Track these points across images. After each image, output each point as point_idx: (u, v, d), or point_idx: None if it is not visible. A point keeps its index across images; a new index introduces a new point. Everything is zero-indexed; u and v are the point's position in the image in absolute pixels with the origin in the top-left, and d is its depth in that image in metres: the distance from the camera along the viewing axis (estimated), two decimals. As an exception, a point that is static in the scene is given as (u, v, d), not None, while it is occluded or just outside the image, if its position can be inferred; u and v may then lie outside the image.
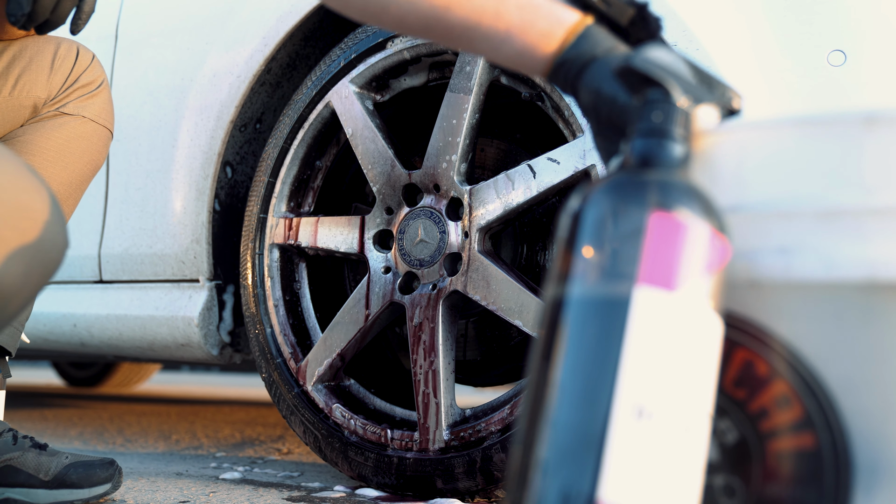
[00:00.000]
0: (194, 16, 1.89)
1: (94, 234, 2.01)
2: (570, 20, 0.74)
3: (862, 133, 0.67)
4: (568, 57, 0.74)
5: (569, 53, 0.74)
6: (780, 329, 0.67)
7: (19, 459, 1.37)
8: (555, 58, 0.74)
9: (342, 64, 1.65)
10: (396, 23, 0.80)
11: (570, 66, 0.74)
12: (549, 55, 0.75)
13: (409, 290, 1.55)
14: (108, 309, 1.98)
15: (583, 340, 0.61)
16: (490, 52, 0.78)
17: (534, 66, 0.76)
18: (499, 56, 0.78)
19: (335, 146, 1.74)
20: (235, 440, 2.46)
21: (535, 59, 0.76)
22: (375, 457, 1.54)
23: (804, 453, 0.66)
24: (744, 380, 0.68)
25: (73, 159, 1.32)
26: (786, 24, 1.28)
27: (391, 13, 0.79)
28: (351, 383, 1.67)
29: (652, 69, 0.69)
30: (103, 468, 1.40)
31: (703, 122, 0.71)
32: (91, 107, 1.34)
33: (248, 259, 1.73)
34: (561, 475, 0.58)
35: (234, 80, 1.78)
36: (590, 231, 0.64)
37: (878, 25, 1.25)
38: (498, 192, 1.46)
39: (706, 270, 0.63)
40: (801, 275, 0.66)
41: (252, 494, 1.52)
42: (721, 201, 0.69)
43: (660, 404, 0.59)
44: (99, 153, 1.36)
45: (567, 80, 0.74)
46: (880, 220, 0.65)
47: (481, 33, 0.77)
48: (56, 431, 2.52)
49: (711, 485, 0.68)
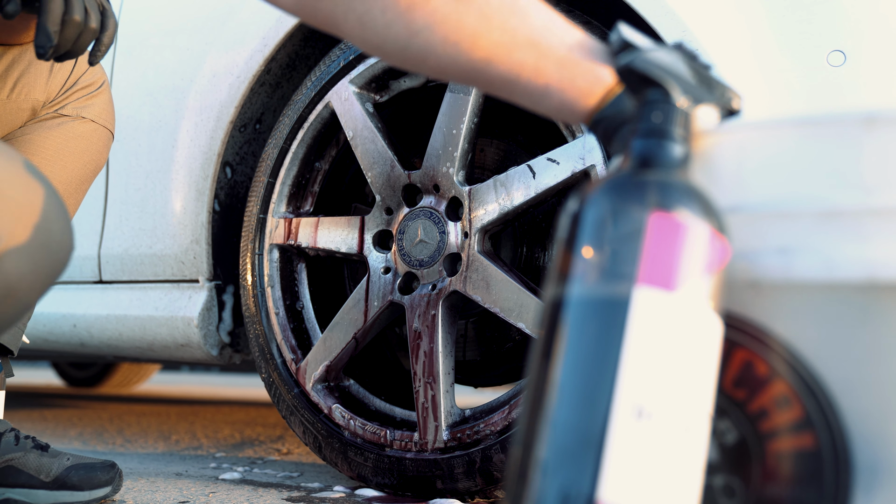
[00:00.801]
0: (194, 16, 1.89)
1: (94, 234, 2.01)
2: (608, 80, 0.76)
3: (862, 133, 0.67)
4: (605, 115, 0.76)
5: (606, 112, 0.76)
6: (779, 329, 0.67)
7: (21, 460, 1.37)
8: (593, 114, 0.77)
9: (342, 64, 1.65)
10: (437, 73, 0.81)
11: (608, 124, 0.76)
12: (587, 111, 0.77)
13: (409, 290, 1.55)
14: (108, 309, 1.98)
15: (582, 341, 0.61)
16: (530, 105, 0.80)
17: (573, 119, 0.79)
18: (539, 107, 0.79)
19: (335, 147, 1.74)
20: (235, 440, 2.46)
21: (575, 114, 0.78)
22: (375, 457, 1.54)
23: (804, 453, 0.66)
24: (743, 380, 0.68)
25: (73, 159, 1.32)
26: (785, 24, 1.28)
27: (430, 64, 0.80)
28: (350, 383, 1.67)
29: (651, 69, 0.69)
30: (104, 471, 1.40)
31: (703, 123, 0.71)
32: (91, 108, 1.34)
33: (248, 259, 1.73)
34: (560, 475, 0.58)
35: (234, 81, 1.78)
36: (589, 231, 0.64)
37: (878, 26, 1.25)
38: (497, 192, 1.46)
39: (706, 271, 0.63)
40: (801, 275, 0.66)
41: (251, 495, 1.52)
42: (721, 202, 0.69)
43: (659, 404, 0.59)
44: (99, 153, 1.36)
45: (606, 135, 0.77)
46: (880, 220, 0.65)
47: (521, 88, 0.78)
48: (56, 432, 2.52)
49: (711, 485, 0.68)
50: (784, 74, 1.26)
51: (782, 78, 1.26)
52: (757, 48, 1.29)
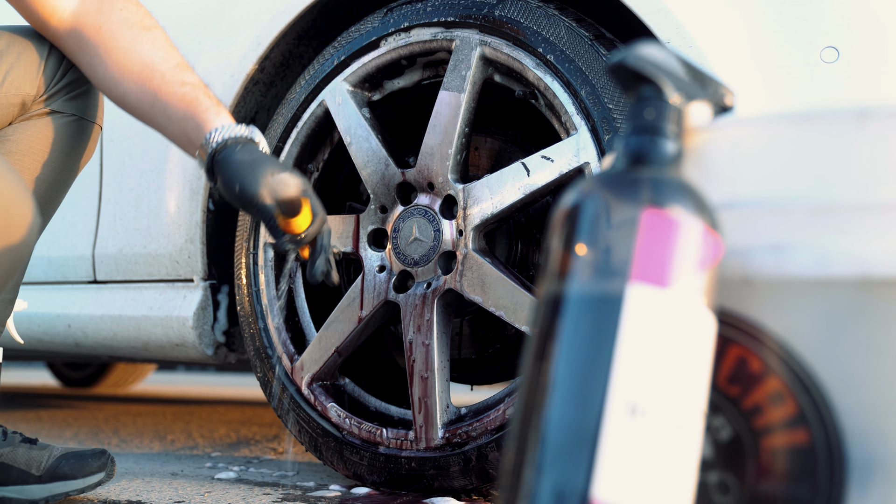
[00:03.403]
0: (187, 15, 1.89)
1: (88, 234, 2.01)
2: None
3: (854, 129, 0.67)
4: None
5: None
6: (773, 326, 0.67)
7: (10, 455, 1.36)
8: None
9: (336, 63, 1.64)
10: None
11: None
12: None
13: (404, 288, 1.55)
14: (103, 309, 1.98)
15: (576, 338, 0.61)
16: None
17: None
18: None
19: (329, 145, 1.73)
20: (231, 440, 2.46)
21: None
22: (370, 456, 1.54)
23: (798, 450, 0.66)
24: (737, 376, 0.68)
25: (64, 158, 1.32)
26: (778, 20, 1.28)
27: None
28: (346, 382, 1.66)
29: (644, 66, 0.69)
30: (95, 458, 1.39)
31: (696, 119, 0.71)
32: (80, 103, 1.33)
33: (243, 259, 1.73)
34: (554, 473, 0.58)
35: (228, 80, 1.77)
36: (583, 228, 0.64)
37: (870, 22, 1.25)
38: (492, 190, 1.46)
39: (699, 267, 0.63)
40: (795, 271, 0.66)
41: (247, 494, 1.52)
42: (713, 198, 0.69)
43: (653, 401, 0.59)
44: (89, 149, 1.37)
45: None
46: (873, 216, 0.65)
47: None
48: (51, 432, 2.52)
49: (705, 481, 0.68)
50: (778, 71, 1.26)
51: (776, 74, 1.27)
52: (750, 45, 1.29)
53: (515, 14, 1.46)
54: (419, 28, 1.56)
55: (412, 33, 1.57)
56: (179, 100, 1.21)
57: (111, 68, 1.24)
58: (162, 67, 1.23)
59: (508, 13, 1.46)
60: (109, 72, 1.24)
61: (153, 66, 1.23)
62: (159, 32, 1.27)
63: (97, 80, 1.27)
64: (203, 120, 1.19)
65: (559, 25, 1.42)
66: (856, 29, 1.25)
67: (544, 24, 1.43)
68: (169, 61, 1.24)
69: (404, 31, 1.57)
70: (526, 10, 1.45)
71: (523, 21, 1.45)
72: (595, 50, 1.39)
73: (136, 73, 1.23)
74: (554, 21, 1.43)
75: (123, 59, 1.23)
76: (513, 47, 1.46)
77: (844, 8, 1.25)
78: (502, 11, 1.47)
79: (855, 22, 1.25)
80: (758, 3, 1.30)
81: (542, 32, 1.43)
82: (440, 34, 1.53)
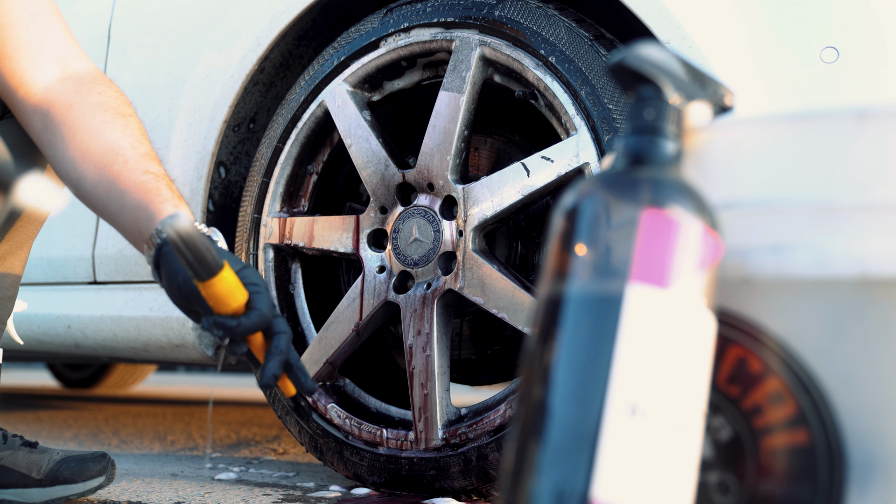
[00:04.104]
0: (187, 16, 1.89)
1: (88, 235, 2.01)
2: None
3: (854, 129, 0.67)
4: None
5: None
6: (773, 326, 0.67)
7: (10, 458, 1.36)
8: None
9: (336, 63, 1.64)
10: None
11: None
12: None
13: (404, 289, 1.55)
14: (103, 310, 1.98)
15: (576, 338, 0.61)
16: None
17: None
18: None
19: (329, 146, 1.73)
20: (231, 441, 2.46)
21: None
22: (370, 456, 1.54)
23: (798, 450, 0.66)
24: (737, 377, 0.68)
25: None
26: (778, 20, 1.28)
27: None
28: (346, 383, 1.66)
29: (644, 66, 0.69)
30: (95, 461, 1.39)
31: (696, 119, 0.71)
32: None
33: (243, 259, 1.73)
34: (555, 473, 0.58)
35: (228, 80, 1.77)
36: (582, 229, 0.64)
37: (870, 22, 1.25)
38: (492, 190, 1.46)
39: (699, 267, 0.63)
40: (794, 271, 0.66)
41: (247, 495, 1.52)
42: (713, 198, 0.69)
43: (653, 402, 0.59)
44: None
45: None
46: (873, 216, 0.65)
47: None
48: (51, 433, 2.52)
49: (705, 482, 0.68)
50: (777, 71, 1.26)
51: (776, 74, 1.27)
52: (750, 45, 1.29)
53: (515, 14, 1.46)
54: (419, 29, 1.56)
55: (412, 34, 1.57)
56: (138, 187, 1.10)
57: (71, 148, 1.15)
58: (127, 153, 1.14)
59: (508, 14, 1.46)
60: (69, 152, 1.15)
61: (118, 150, 1.14)
62: (133, 121, 1.20)
63: (55, 161, 1.18)
64: (158, 211, 1.08)
65: (559, 26, 1.42)
66: (856, 29, 1.25)
67: (544, 25, 1.43)
68: (137, 149, 1.15)
69: (404, 31, 1.58)
70: (526, 11, 1.45)
71: (523, 21, 1.45)
72: (595, 50, 1.39)
73: (98, 156, 1.14)
74: (554, 21, 1.43)
75: (88, 141, 1.15)
76: (513, 48, 1.46)
77: (844, 8, 1.25)
78: (502, 12, 1.47)
79: (855, 22, 1.25)
80: (758, 4, 1.30)
81: (541, 33, 1.43)
82: (440, 35, 1.53)
